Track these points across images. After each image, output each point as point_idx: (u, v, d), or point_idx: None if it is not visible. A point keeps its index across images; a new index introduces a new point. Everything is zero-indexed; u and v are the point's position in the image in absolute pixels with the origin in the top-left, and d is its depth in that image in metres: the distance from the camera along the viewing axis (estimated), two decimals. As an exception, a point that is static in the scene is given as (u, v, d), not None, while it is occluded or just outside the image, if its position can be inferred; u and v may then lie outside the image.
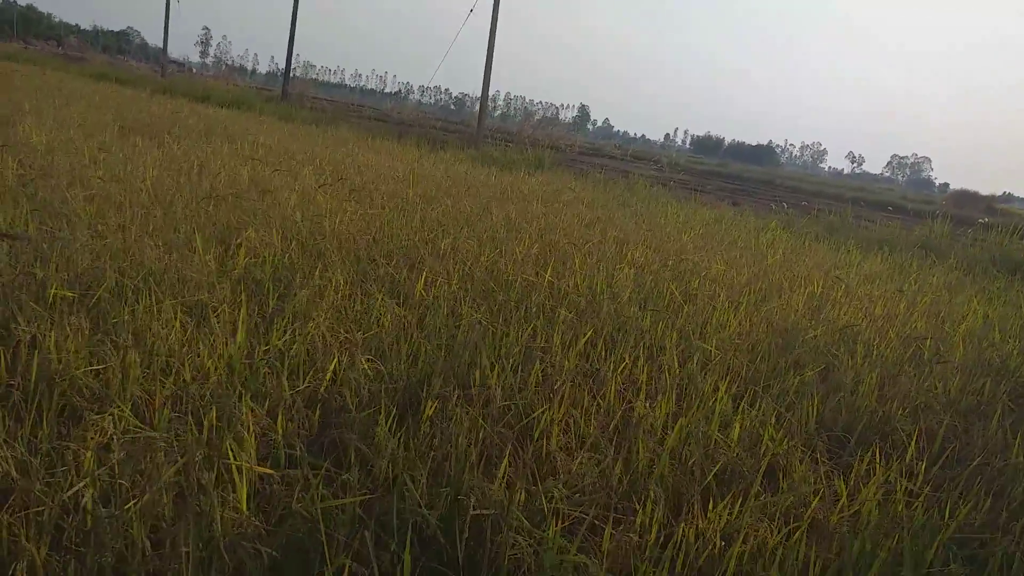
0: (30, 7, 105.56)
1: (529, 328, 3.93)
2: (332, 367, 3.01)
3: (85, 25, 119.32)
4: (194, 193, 5.75)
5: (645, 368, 3.68)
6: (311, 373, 2.95)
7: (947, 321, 6.04)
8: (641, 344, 4.13)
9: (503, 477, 2.42)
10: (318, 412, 2.72)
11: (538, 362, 3.48)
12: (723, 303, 5.43)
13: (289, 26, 29.17)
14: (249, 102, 23.23)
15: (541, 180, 12.76)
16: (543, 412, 2.92)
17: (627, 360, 3.79)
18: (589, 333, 3.96)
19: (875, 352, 4.66)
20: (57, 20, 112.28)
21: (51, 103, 12.10)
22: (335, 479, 2.32)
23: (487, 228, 6.43)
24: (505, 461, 2.46)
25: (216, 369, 2.86)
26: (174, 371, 2.77)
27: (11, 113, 9.39)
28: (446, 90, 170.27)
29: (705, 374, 3.72)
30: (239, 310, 3.43)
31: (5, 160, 6.23)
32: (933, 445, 3.33)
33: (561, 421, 2.97)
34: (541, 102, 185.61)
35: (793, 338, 4.80)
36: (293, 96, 28.61)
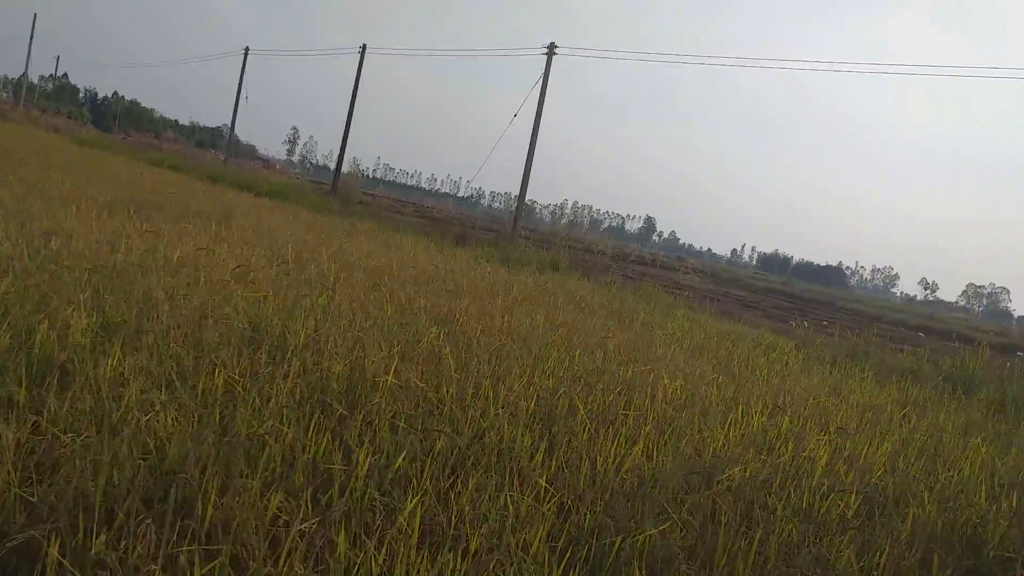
0: (134, 102, 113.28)
1: (322, 444, 3.15)
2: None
3: (184, 121, 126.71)
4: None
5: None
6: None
7: (939, 470, 4.97)
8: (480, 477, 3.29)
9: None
10: None
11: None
12: (648, 430, 4.53)
13: (344, 125, 30.10)
14: (291, 193, 23.59)
15: (543, 280, 12.10)
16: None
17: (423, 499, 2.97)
18: (401, 459, 3.15)
19: (807, 504, 3.68)
20: (158, 115, 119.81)
21: (61, 180, 12.18)
22: None
23: (398, 322, 5.73)
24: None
25: None
26: None
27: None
28: (514, 196, 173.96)
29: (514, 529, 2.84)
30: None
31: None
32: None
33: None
34: (608, 212, 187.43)
35: (710, 479, 3.87)
36: (342, 190, 29.09)
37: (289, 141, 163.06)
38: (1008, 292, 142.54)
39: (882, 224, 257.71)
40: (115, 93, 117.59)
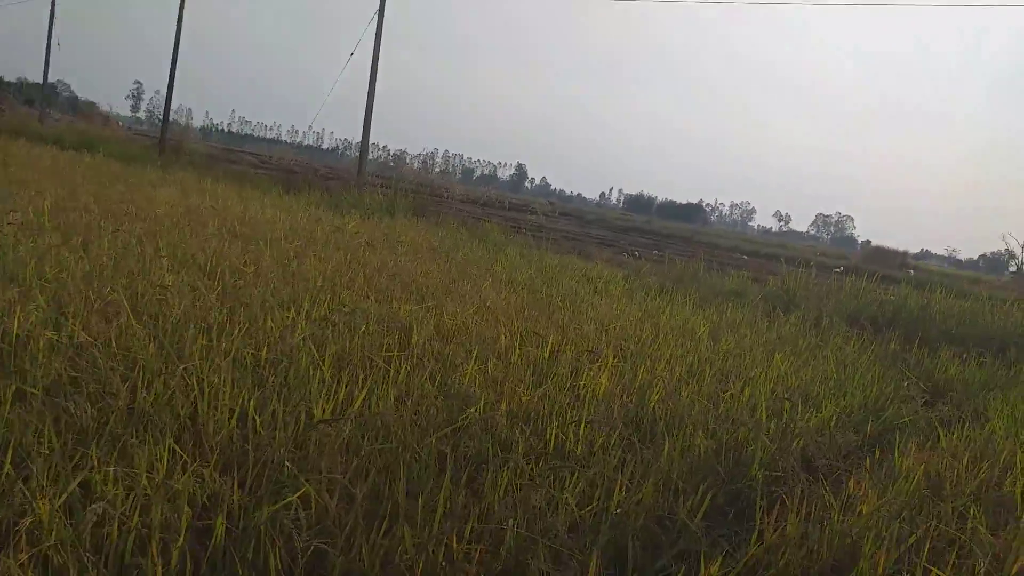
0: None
1: None
2: None
3: (9, 77, 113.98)
4: None
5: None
6: None
7: (729, 389, 4.67)
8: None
9: None
10: None
11: None
12: (407, 368, 3.94)
13: (169, 70, 27.54)
14: (106, 145, 21.33)
15: (368, 224, 11.29)
16: None
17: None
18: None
19: (557, 438, 3.19)
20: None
21: None
22: None
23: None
24: None
25: None
26: None
27: None
28: (384, 147, 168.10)
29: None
30: None
31: None
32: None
33: None
34: (480, 160, 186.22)
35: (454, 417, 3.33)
36: (171, 142, 26.73)
37: (133, 96, 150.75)
38: (852, 219, 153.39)
39: (740, 161, 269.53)
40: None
